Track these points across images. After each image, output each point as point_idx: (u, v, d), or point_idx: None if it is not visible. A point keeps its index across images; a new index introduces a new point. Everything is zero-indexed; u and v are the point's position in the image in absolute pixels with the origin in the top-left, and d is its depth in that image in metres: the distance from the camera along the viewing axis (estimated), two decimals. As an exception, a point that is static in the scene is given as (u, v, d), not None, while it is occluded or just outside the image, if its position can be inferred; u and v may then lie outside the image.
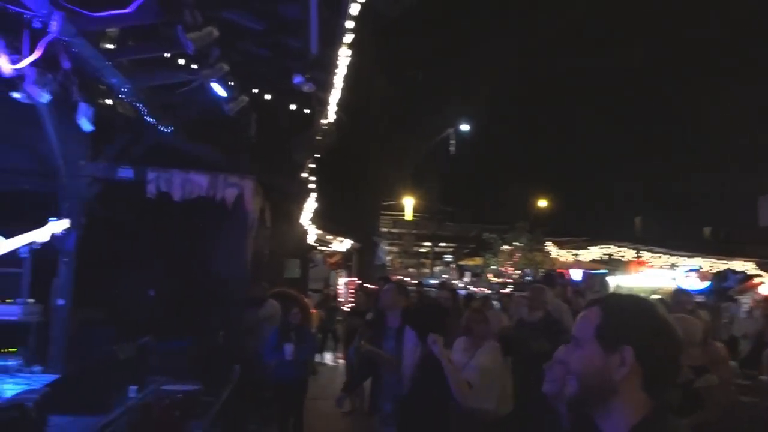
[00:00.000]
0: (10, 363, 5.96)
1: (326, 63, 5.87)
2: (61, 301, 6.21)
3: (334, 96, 6.93)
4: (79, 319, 6.32)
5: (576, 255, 23.75)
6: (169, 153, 6.85)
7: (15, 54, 4.28)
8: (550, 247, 24.82)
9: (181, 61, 6.26)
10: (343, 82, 6.45)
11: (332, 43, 5.59)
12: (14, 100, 5.61)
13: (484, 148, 29.65)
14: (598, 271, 21.82)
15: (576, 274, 21.10)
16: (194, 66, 5.56)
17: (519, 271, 25.29)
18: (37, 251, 5.69)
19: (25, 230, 5.30)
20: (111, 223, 6.95)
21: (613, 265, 22.51)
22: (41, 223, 5.61)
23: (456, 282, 23.65)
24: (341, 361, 11.82)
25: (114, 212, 6.99)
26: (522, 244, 25.73)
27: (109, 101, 6.04)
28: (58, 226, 5.37)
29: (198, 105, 6.37)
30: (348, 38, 5.42)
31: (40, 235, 5.20)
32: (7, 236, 5.14)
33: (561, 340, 5.06)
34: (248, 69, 6.02)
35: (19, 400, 3.73)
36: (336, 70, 6.07)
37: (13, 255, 5.23)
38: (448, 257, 33.44)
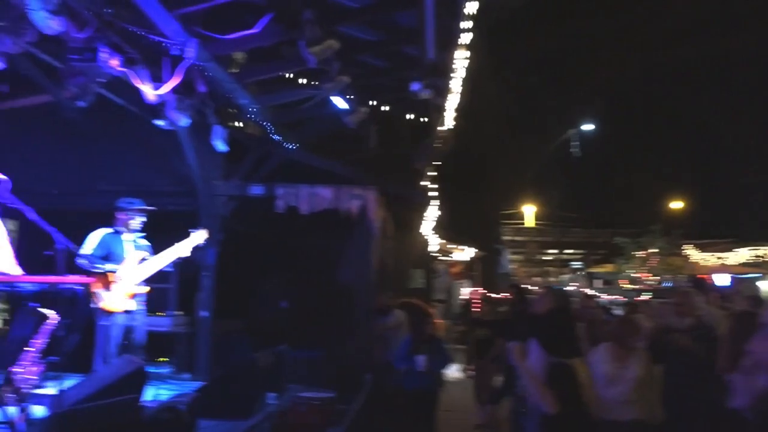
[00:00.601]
0: (163, 370, 6.44)
1: (443, 67, 5.81)
2: (204, 313, 6.61)
3: (452, 101, 6.85)
4: (221, 330, 6.69)
5: (720, 258, 21.79)
6: (295, 169, 7.11)
7: (157, 82, 4.64)
8: (690, 251, 22.98)
9: (302, 81, 6.50)
10: (461, 86, 6.36)
11: (449, 46, 5.53)
12: (157, 128, 6.10)
13: (610, 148, 28.17)
14: (748, 275, 19.86)
15: (721, 279, 19.33)
16: (316, 82, 5.74)
17: (656, 277, 23.57)
18: (182, 267, 6.09)
19: (169, 247, 5.67)
20: (245, 238, 7.31)
21: (766, 268, 20.33)
22: (181, 239, 5.97)
23: (585, 290, 22.50)
24: (468, 373, 11.54)
25: (247, 227, 7.36)
26: (658, 249, 23.99)
27: (239, 123, 6.39)
28: (198, 236, 5.69)
29: (320, 120, 6.57)
30: (465, 39, 5.33)
31: (184, 247, 5.54)
32: (157, 253, 5.54)
33: (715, 347, 4.58)
34: (366, 81, 6.12)
35: (173, 403, 3.99)
36: (453, 74, 5.99)
37: (162, 272, 5.63)
38: (577, 264, 31.93)
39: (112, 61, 4.06)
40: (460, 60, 5.74)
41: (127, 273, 5.15)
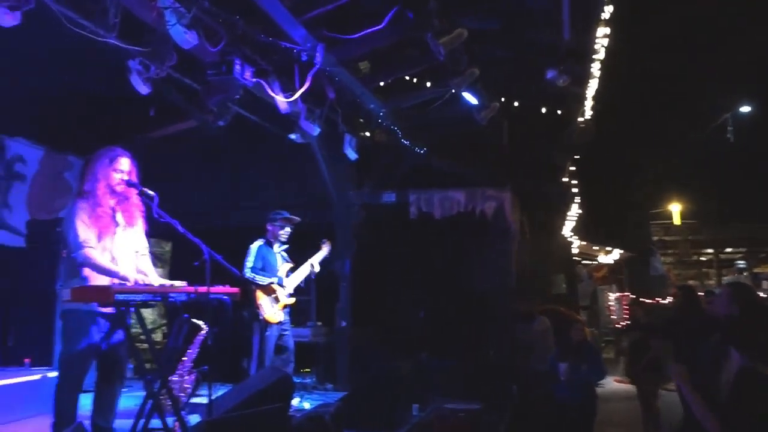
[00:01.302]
0: (307, 381, 6.54)
1: (581, 49, 5.37)
2: (343, 323, 6.63)
3: (591, 88, 6.35)
4: (359, 339, 6.68)
5: None
6: (426, 173, 6.98)
7: (288, 92, 4.70)
8: None
9: (428, 84, 6.34)
10: (601, 69, 5.86)
11: (586, 23, 5.10)
12: (291, 142, 6.24)
13: (769, 131, 25.11)
14: None
15: None
16: (442, 81, 5.55)
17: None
18: (320, 278, 6.17)
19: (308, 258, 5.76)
20: (379, 246, 7.27)
21: None
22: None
23: (752, 293, 20.08)
24: (625, 384, 10.68)
25: (381, 236, 7.32)
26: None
27: (368, 130, 6.36)
28: (326, 248, 5.74)
29: (449, 120, 6.37)
30: (605, 12, 4.88)
31: (317, 258, 5.62)
32: (295, 267, 5.66)
33: None
34: (494, 74, 5.82)
35: (318, 413, 3.96)
36: (592, 56, 5.52)
37: (301, 283, 5.73)
38: (741, 263, 28.76)
39: (246, 73, 4.15)
40: (600, 39, 5.27)
41: (282, 284, 5.35)
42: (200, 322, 5.06)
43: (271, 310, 5.29)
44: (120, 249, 3.78)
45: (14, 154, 7.60)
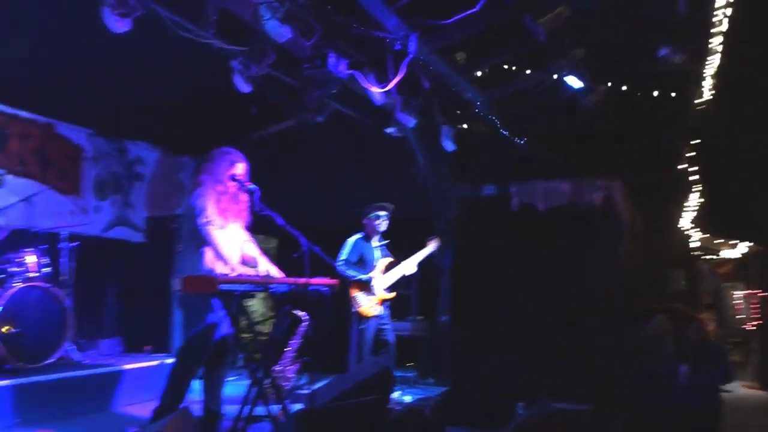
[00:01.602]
0: (409, 374, 6.52)
1: (698, 21, 4.91)
2: (444, 318, 6.54)
3: (711, 65, 5.81)
4: (461, 334, 6.56)
5: None
6: (528, 163, 6.72)
7: (382, 84, 4.68)
8: None
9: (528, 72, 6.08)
10: (723, 43, 5.34)
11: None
12: (388, 137, 6.24)
13: None
14: None
15: None
16: (544, 65, 5.30)
17: None
18: (421, 272, 6.14)
19: (410, 254, 5.74)
20: (480, 241, 7.11)
21: None
22: (421, 247, 5.99)
23: None
24: (756, 390, 9.74)
25: (481, 229, 7.15)
26: None
27: (465, 120, 6.22)
28: (433, 245, 5.69)
29: (552, 107, 6.08)
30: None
31: (421, 256, 5.61)
32: (398, 260, 5.65)
33: None
34: (601, 54, 5.47)
35: (418, 407, 3.91)
36: (713, 29, 5.04)
37: (402, 277, 5.72)
38: None
39: (340, 66, 4.18)
40: (722, 9, 4.79)
41: (378, 279, 5.37)
42: (302, 314, 5.19)
43: (367, 304, 5.30)
44: (229, 242, 3.95)
45: (134, 156, 8.19)
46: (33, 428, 4.22)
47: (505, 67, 5.92)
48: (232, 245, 3.97)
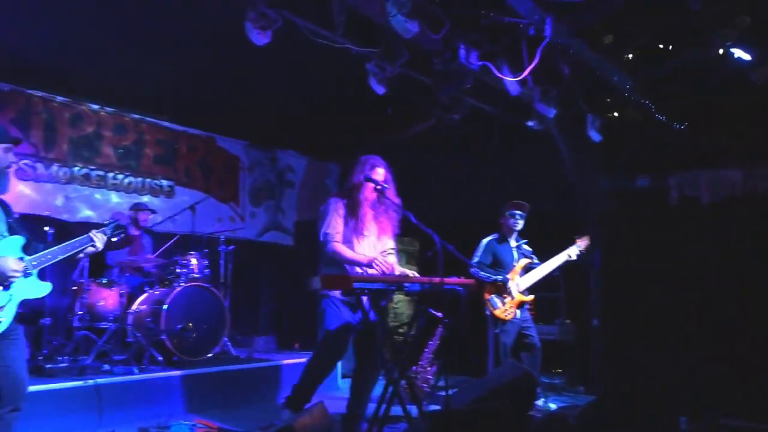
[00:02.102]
0: (556, 381, 6.16)
1: None
2: (595, 321, 6.09)
3: None
4: (613, 339, 6.06)
5: None
6: (688, 150, 6.04)
7: (517, 73, 4.46)
8: None
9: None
10: None
11: None
12: (522, 131, 5.95)
13: None
14: None
15: None
16: (704, 38, 4.73)
17: None
18: (568, 273, 5.80)
19: (554, 253, 5.43)
20: (633, 238, 6.52)
21: None
22: (565, 243, 5.65)
23: None
24: None
25: (635, 225, 6.56)
26: None
27: (612, 107, 5.75)
28: (582, 243, 5.32)
29: (714, 85, 5.40)
30: None
31: (568, 254, 5.27)
32: (541, 260, 5.37)
33: None
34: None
35: (561, 414, 3.65)
36: None
37: (548, 278, 5.42)
38: None
39: (471, 57, 4.05)
40: None
41: (516, 280, 5.14)
42: (439, 314, 5.10)
43: (501, 307, 5.06)
44: (371, 249, 3.98)
45: (285, 164, 8.67)
46: (195, 416, 4.57)
47: (660, 45, 5.37)
48: (367, 251, 3.98)
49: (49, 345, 5.15)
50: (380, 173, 3.97)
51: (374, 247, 4.01)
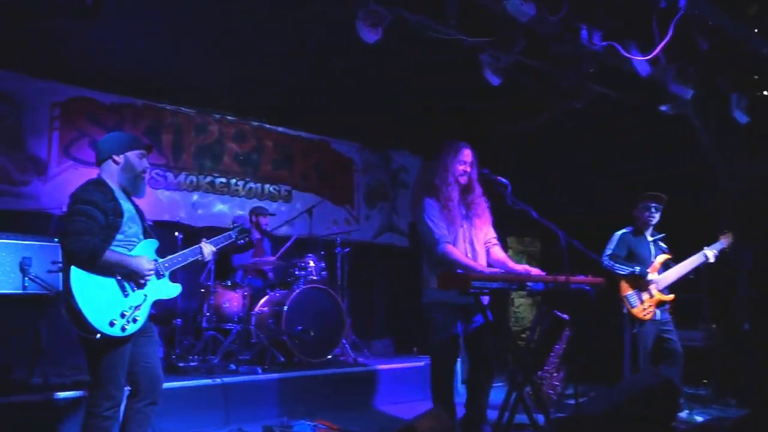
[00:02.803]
0: (701, 392, 5.67)
1: None
2: (746, 325, 5.53)
3: None
4: (766, 345, 5.46)
5: None
6: None
7: (648, 52, 4.14)
8: None
9: None
10: None
11: None
12: (653, 116, 5.53)
13: None
14: None
15: None
16: None
17: None
18: (716, 272, 5.35)
19: (689, 250, 5.01)
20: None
21: None
22: (703, 240, 5.18)
23: None
24: None
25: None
26: None
27: (762, 84, 5.18)
28: (725, 240, 4.86)
29: None
30: None
31: (712, 251, 4.84)
32: (676, 258, 4.99)
33: None
34: None
35: (710, 426, 3.32)
36: None
37: (689, 278, 5.01)
38: None
39: (594, 38, 3.80)
40: None
41: (655, 277, 4.78)
42: (565, 316, 4.85)
43: (639, 305, 4.71)
44: (472, 242, 3.87)
45: (398, 164, 8.72)
46: (314, 417, 4.68)
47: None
48: (475, 245, 3.85)
49: (181, 345, 5.50)
50: (467, 155, 3.83)
51: (475, 240, 3.87)
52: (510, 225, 5.50)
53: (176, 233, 5.46)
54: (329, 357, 5.65)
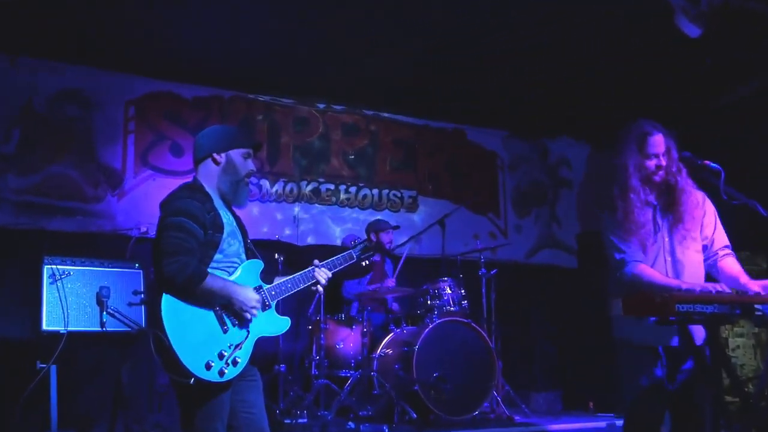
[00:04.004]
0: None
1: None
2: None
3: None
4: None
5: None
6: None
7: None
8: None
9: None
10: None
11: None
12: None
13: None
14: None
15: None
16: None
17: None
18: None
19: None
20: None
21: None
22: None
23: None
24: None
25: None
26: None
27: None
28: None
29: None
30: None
31: None
32: None
33: None
34: None
35: None
36: None
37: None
38: None
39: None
40: None
41: None
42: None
43: None
44: (675, 255, 3.68)
45: (558, 157, 8.60)
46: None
47: None
48: (685, 258, 3.66)
49: (286, 396, 5.70)
50: (657, 144, 3.62)
51: (683, 254, 3.66)
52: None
53: (276, 255, 5.66)
54: (476, 414, 5.61)
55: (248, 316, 3.03)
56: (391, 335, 6.02)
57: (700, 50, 5.65)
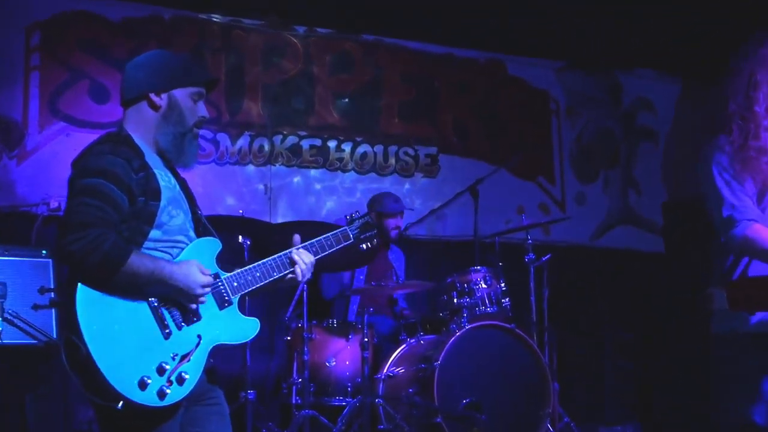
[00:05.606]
0: None
1: None
2: None
3: None
4: None
5: None
6: None
7: None
8: None
9: None
10: None
11: None
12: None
13: None
14: None
15: None
16: None
17: None
18: None
19: None
20: None
21: None
22: None
23: None
24: None
25: None
26: None
27: None
28: None
29: None
30: None
31: None
32: None
33: None
34: None
35: None
36: None
37: None
38: None
39: None
40: None
41: None
42: None
43: None
44: None
45: (634, 97, 8.59)
46: None
47: None
48: None
49: (257, 433, 5.70)
50: None
51: None
52: None
53: (239, 238, 5.63)
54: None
55: (193, 305, 2.94)
56: (402, 348, 6.02)
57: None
